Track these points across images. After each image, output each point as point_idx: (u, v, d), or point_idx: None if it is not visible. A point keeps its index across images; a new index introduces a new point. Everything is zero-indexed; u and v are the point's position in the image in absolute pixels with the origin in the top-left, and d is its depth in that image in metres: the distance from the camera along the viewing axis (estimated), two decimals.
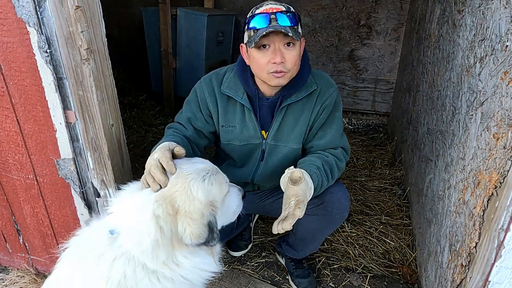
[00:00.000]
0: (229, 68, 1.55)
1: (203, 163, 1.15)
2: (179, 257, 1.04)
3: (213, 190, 1.08)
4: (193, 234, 0.99)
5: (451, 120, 1.63)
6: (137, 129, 3.70)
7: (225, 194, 1.15)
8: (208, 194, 1.05)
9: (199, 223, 1.00)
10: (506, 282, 1.12)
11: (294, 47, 1.32)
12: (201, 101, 1.53)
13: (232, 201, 1.23)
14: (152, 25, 3.68)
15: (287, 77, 1.36)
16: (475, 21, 1.45)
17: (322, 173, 1.39)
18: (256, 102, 1.49)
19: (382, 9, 3.51)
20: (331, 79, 1.55)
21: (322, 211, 1.53)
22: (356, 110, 3.95)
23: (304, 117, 1.50)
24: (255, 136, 1.55)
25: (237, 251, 2.07)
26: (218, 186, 1.10)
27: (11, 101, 1.40)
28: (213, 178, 1.09)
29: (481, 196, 1.20)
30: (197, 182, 1.04)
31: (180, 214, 1.01)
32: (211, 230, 1.03)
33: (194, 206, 1.01)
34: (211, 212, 1.04)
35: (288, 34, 1.24)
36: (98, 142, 1.42)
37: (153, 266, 1.00)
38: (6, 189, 1.65)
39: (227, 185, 1.18)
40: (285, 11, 1.29)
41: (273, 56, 1.30)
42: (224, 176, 1.18)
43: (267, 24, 1.26)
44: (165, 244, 1.00)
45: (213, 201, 1.07)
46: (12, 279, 1.86)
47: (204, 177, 1.07)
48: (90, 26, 1.26)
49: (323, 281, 1.91)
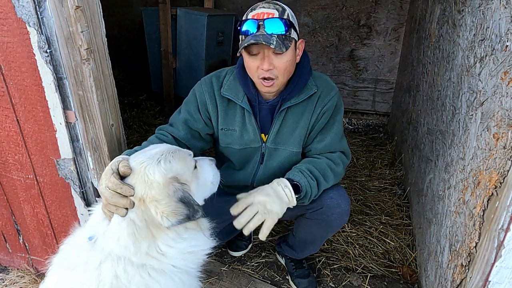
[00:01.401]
0: (229, 70, 1.54)
1: (158, 147, 1.13)
2: (162, 247, 1.02)
3: (174, 166, 1.05)
4: (166, 214, 0.98)
5: (451, 120, 1.63)
6: (137, 129, 3.71)
7: (192, 168, 1.13)
8: (167, 172, 1.02)
9: (168, 202, 0.99)
10: (506, 282, 1.12)
11: (285, 53, 1.29)
12: (201, 103, 1.52)
13: (207, 173, 1.22)
14: (152, 25, 3.68)
15: (276, 84, 1.36)
16: (475, 21, 1.45)
17: (307, 175, 1.40)
18: (256, 105, 1.48)
19: (382, 9, 3.51)
20: (332, 82, 1.54)
21: (322, 216, 1.52)
22: (356, 110, 3.96)
23: (304, 120, 1.49)
24: (254, 140, 1.54)
25: (237, 251, 2.07)
26: (180, 161, 1.08)
27: (11, 101, 1.40)
28: (169, 157, 1.06)
29: (481, 196, 1.20)
30: (152, 166, 1.02)
31: (147, 202, 1.00)
32: (188, 204, 1.01)
33: (155, 189, 0.99)
34: (178, 187, 1.02)
35: (270, 46, 1.23)
36: (98, 142, 1.42)
37: (138, 260, 1.00)
38: (6, 189, 1.65)
39: (191, 159, 1.15)
40: (278, 16, 1.26)
41: (261, 62, 1.30)
42: (185, 151, 1.15)
43: (255, 31, 1.26)
44: (142, 235, 0.99)
45: (177, 176, 1.04)
46: (12, 279, 1.86)
47: (159, 159, 1.05)
48: (90, 26, 1.26)
49: (323, 281, 1.91)
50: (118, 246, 0.99)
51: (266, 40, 1.23)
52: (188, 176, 1.09)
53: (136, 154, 1.11)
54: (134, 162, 1.06)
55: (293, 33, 1.30)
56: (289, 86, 1.43)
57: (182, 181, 1.05)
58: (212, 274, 1.90)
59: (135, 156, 1.09)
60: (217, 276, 1.89)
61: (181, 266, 1.07)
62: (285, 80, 1.39)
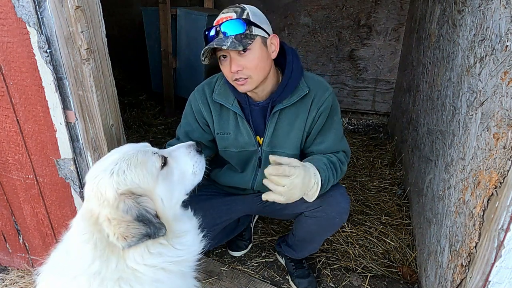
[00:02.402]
0: (219, 75, 1.56)
1: (116, 153, 1.01)
2: (130, 263, 0.94)
3: (128, 177, 0.94)
4: (119, 235, 0.89)
5: (451, 120, 1.63)
6: (137, 129, 3.70)
7: (157, 169, 1.01)
8: (118, 186, 0.92)
9: (121, 222, 0.89)
10: (506, 282, 1.12)
11: (250, 51, 1.30)
12: (196, 112, 1.55)
13: (184, 164, 1.10)
14: (152, 25, 3.68)
15: (251, 82, 1.36)
16: (475, 21, 1.45)
17: (329, 169, 1.39)
18: (247, 106, 1.49)
19: (382, 9, 3.51)
20: (325, 83, 1.53)
21: (322, 213, 1.53)
22: (356, 110, 3.95)
23: (299, 122, 1.49)
24: (250, 143, 1.54)
25: (237, 251, 2.07)
26: (137, 168, 0.96)
27: (11, 101, 1.40)
28: (124, 166, 0.95)
29: (481, 196, 1.20)
30: (104, 181, 0.93)
31: (100, 220, 0.92)
32: (145, 222, 0.90)
33: (107, 208, 0.91)
34: (130, 204, 0.91)
35: (222, 48, 1.25)
36: (98, 142, 1.42)
37: (110, 275, 0.92)
38: (6, 189, 1.65)
39: (156, 158, 1.02)
40: (236, 17, 1.28)
41: (230, 66, 1.33)
42: (146, 152, 1.02)
43: (214, 37, 1.30)
44: (106, 255, 0.92)
45: (131, 189, 0.93)
46: (12, 279, 1.86)
47: (112, 170, 0.94)
48: (90, 26, 1.26)
49: (323, 281, 1.91)
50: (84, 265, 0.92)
51: (219, 43, 1.25)
52: (149, 182, 0.97)
53: (96, 163, 1.03)
54: (89, 175, 0.98)
55: (255, 30, 1.31)
56: (279, 87, 1.44)
57: (139, 193, 0.94)
58: (212, 274, 1.90)
59: (95, 166, 1.01)
60: (217, 276, 1.89)
61: (161, 279, 0.98)
62: (260, 77, 1.37)
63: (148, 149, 1.05)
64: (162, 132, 3.68)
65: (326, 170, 1.37)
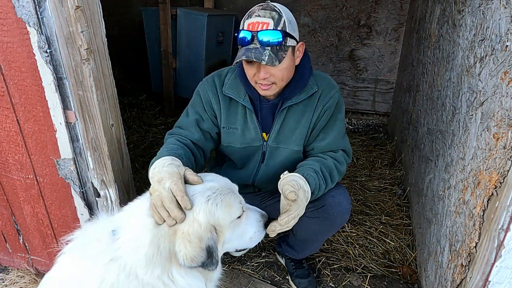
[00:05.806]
0: (230, 69, 1.55)
1: (213, 181, 1.09)
2: (175, 274, 1.00)
3: (218, 212, 1.01)
4: (187, 256, 0.95)
5: (451, 120, 1.63)
6: (137, 129, 3.70)
7: (235, 217, 1.09)
8: (210, 217, 1.00)
9: (195, 247, 0.96)
10: (506, 282, 1.12)
11: (281, 62, 1.29)
12: (206, 102, 1.52)
13: (249, 226, 1.17)
14: (152, 25, 3.68)
15: (275, 88, 1.37)
16: (475, 21, 1.45)
17: (320, 177, 1.39)
18: (257, 103, 1.49)
19: (382, 9, 3.51)
20: (333, 81, 1.54)
21: (323, 214, 1.52)
22: (356, 110, 3.96)
23: (305, 118, 1.50)
24: (256, 139, 1.54)
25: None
26: (225, 209, 1.03)
27: (11, 101, 1.40)
28: (219, 199, 1.02)
29: (481, 196, 1.20)
30: (199, 203, 0.99)
31: (178, 234, 0.97)
32: (210, 255, 0.97)
33: (193, 229, 0.97)
34: (211, 236, 0.99)
35: (261, 63, 1.24)
36: (98, 142, 1.42)
37: (146, 279, 0.97)
38: (6, 189, 1.65)
39: (240, 207, 1.10)
40: (273, 26, 1.25)
41: (257, 71, 1.32)
42: (236, 197, 1.10)
43: (249, 43, 1.27)
44: (160, 262, 0.97)
45: (216, 225, 1.01)
46: (12, 279, 1.86)
47: (209, 197, 1.01)
48: (90, 26, 1.26)
49: (323, 281, 1.91)
50: (132, 256, 0.96)
51: (258, 57, 1.23)
52: (226, 225, 1.05)
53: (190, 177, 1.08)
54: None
55: (289, 41, 1.29)
56: (289, 85, 1.44)
57: (217, 231, 1.02)
58: None
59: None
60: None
61: None
62: (284, 84, 1.40)
63: (237, 195, 1.12)
64: (162, 132, 3.68)
65: (317, 177, 1.37)
